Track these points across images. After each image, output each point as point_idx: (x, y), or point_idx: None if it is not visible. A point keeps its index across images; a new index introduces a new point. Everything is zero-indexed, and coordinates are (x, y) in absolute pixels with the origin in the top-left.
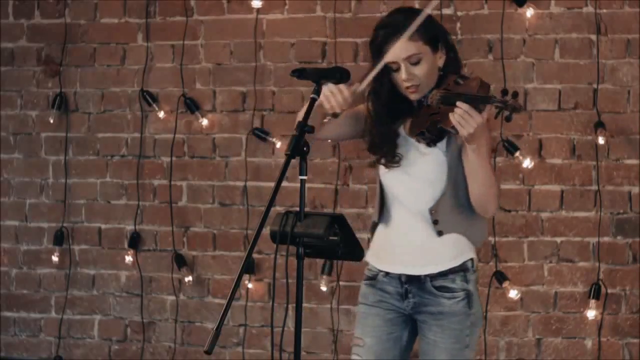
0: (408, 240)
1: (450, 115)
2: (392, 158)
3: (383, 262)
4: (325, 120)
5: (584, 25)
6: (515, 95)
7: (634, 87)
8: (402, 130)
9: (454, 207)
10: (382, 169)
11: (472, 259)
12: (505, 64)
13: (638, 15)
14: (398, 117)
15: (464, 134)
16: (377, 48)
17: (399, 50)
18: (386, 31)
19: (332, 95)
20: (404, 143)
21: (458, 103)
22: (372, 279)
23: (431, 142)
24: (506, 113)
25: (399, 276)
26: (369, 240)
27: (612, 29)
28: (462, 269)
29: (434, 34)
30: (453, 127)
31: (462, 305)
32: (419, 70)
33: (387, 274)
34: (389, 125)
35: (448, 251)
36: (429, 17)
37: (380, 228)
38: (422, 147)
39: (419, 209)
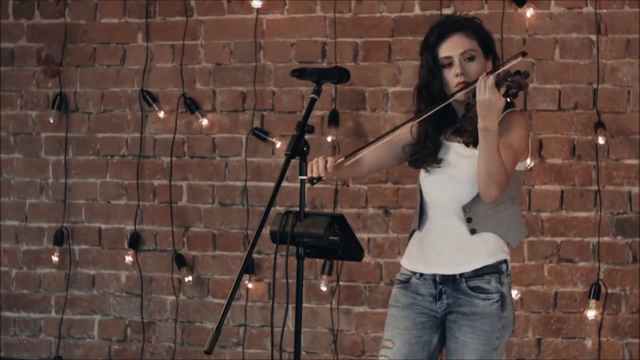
0: (443, 240)
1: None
2: (434, 160)
3: (417, 265)
4: (304, 179)
5: (584, 25)
6: (518, 73)
7: (634, 87)
8: (442, 137)
9: (489, 207)
10: (422, 175)
11: (506, 261)
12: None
13: (638, 15)
14: (441, 124)
15: (478, 99)
16: (433, 43)
17: (455, 44)
18: (444, 28)
19: (315, 163)
20: (444, 147)
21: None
22: (405, 282)
23: (470, 142)
24: (513, 91)
25: (434, 277)
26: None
27: (612, 29)
28: (496, 271)
29: (488, 41)
30: None
31: (495, 307)
32: (472, 68)
33: (421, 275)
34: (434, 126)
35: (481, 249)
36: (483, 25)
37: (416, 234)
38: (462, 149)
39: (453, 208)
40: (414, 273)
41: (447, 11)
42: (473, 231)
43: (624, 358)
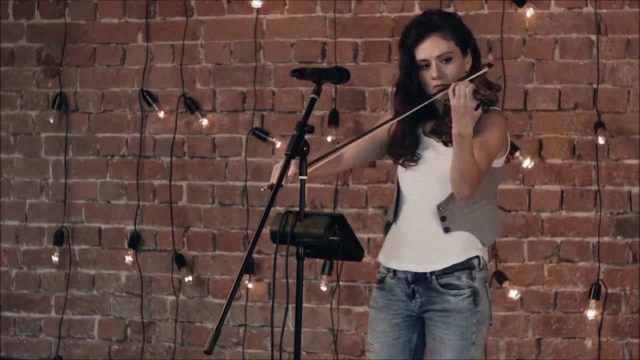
0: (415, 237)
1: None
2: (411, 157)
3: (391, 260)
4: (262, 189)
5: (584, 25)
6: (490, 86)
7: (634, 87)
8: (421, 132)
9: (463, 205)
10: (400, 169)
11: (478, 257)
12: (505, 64)
13: (638, 15)
14: (420, 118)
15: (452, 104)
16: (410, 46)
17: (431, 47)
18: (420, 29)
19: (275, 170)
20: (423, 143)
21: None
22: (381, 282)
23: (449, 142)
24: (485, 108)
25: (406, 277)
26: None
27: (612, 29)
28: (467, 267)
29: (465, 37)
30: None
31: (467, 302)
32: (449, 70)
33: (394, 275)
34: (413, 123)
35: (453, 248)
36: (460, 20)
37: (393, 227)
38: (440, 147)
39: (429, 206)
40: (388, 271)
41: (447, 11)
42: (447, 229)
43: (624, 358)
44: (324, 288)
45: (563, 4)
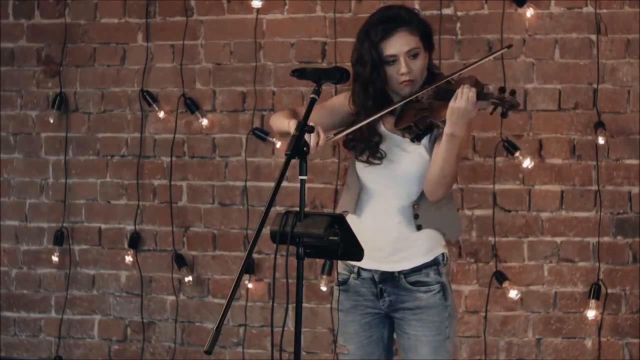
0: (380, 235)
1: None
2: (375, 154)
3: None
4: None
5: (584, 25)
6: (513, 92)
7: (634, 87)
8: (383, 127)
9: (431, 203)
10: (359, 164)
11: (443, 253)
12: (505, 64)
13: (638, 15)
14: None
15: (453, 105)
16: (378, 40)
17: (400, 42)
18: (388, 24)
19: (315, 137)
20: (386, 140)
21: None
22: (344, 283)
23: (416, 138)
24: (501, 109)
25: (372, 276)
26: None
27: (612, 29)
28: (434, 263)
29: (428, 33)
30: (443, 121)
31: (438, 297)
32: (416, 65)
33: (358, 275)
34: (374, 120)
35: (421, 246)
36: (422, 16)
37: (352, 219)
38: (405, 144)
39: (399, 204)
40: (351, 272)
41: (447, 11)
42: (419, 227)
43: (624, 358)
44: (324, 288)
45: (563, 4)
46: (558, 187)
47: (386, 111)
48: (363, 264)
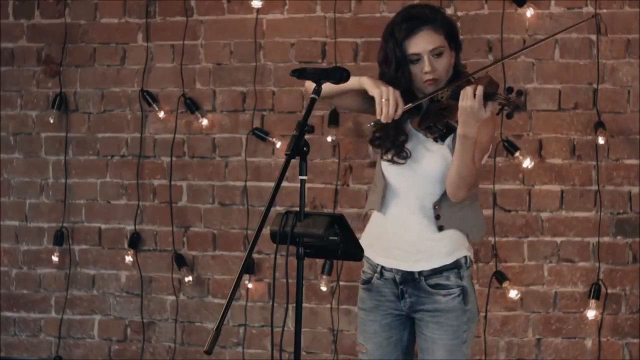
0: (403, 234)
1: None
2: (400, 153)
3: (378, 255)
4: (369, 125)
5: (584, 25)
6: (519, 93)
7: (634, 87)
8: (409, 126)
9: (453, 203)
10: (384, 162)
11: (466, 256)
12: (505, 64)
13: (638, 15)
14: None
15: (460, 105)
16: (402, 38)
17: (424, 41)
18: (412, 23)
19: (387, 103)
20: (412, 138)
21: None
22: (368, 282)
23: (439, 138)
24: (507, 110)
25: (393, 277)
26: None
27: (612, 29)
28: (455, 266)
29: (453, 32)
30: (457, 122)
31: (457, 301)
32: (440, 64)
33: (381, 275)
34: (401, 118)
35: (443, 248)
36: (447, 15)
37: (378, 216)
38: (429, 143)
39: (421, 204)
40: (374, 271)
41: (447, 11)
42: (441, 228)
43: (624, 358)
44: (324, 288)
45: (563, 4)
46: (558, 187)
47: (408, 107)
48: (384, 262)
